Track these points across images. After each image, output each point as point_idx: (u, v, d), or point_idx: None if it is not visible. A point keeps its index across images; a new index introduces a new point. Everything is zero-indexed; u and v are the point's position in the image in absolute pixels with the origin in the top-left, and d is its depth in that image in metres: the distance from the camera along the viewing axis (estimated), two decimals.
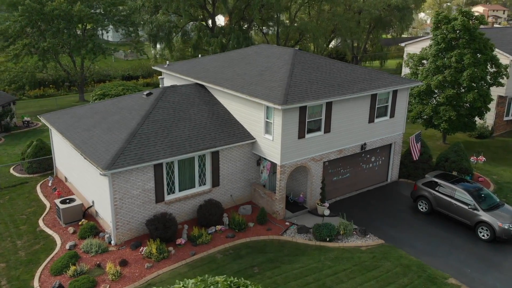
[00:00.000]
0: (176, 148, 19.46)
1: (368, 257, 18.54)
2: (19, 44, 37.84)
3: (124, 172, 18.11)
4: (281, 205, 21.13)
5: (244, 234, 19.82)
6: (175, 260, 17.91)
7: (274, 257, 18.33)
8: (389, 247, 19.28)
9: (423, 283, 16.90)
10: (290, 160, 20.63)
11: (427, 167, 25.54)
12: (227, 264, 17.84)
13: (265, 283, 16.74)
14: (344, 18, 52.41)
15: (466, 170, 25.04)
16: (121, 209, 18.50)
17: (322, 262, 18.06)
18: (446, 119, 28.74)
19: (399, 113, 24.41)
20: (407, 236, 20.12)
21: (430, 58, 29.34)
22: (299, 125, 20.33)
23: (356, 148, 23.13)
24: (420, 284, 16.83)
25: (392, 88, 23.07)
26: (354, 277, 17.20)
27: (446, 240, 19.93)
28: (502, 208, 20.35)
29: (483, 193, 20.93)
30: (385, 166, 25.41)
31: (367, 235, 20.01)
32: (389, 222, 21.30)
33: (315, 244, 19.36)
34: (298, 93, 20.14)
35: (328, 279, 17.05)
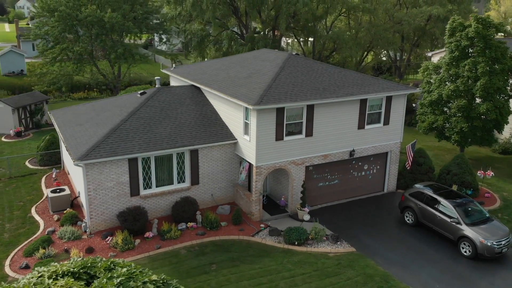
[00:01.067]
0: (152, 144, 20.07)
1: (332, 263, 18.00)
2: (57, 48, 40.64)
3: (98, 163, 18.94)
4: (257, 206, 21.06)
5: (215, 233, 19.94)
6: (139, 252, 18.41)
7: (237, 257, 18.30)
8: (358, 256, 18.59)
9: None
10: (267, 162, 20.55)
11: (427, 178, 24.33)
12: (188, 259, 18.05)
13: (218, 280, 16.77)
14: (382, 29, 51.24)
15: (469, 184, 23.58)
16: (94, 199, 19.33)
17: (283, 265, 17.77)
18: (458, 131, 27.26)
19: (395, 120, 23.55)
20: (383, 247, 19.29)
21: (444, 67, 28.06)
22: (277, 127, 20.25)
23: (344, 155, 22.57)
24: None
25: (383, 94, 22.36)
26: (310, 282, 16.77)
27: (424, 253, 18.88)
28: (490, 224, 18.99)
29: (470, 207, 19.64)
30: (380, 175, 24.52)
31: (339, 242, 19.42)
32: (369, 231, 20.53)
33: (283, 247, 19.09)
34: (277, 95, 20.10)
35: (283, 281, 16.75)
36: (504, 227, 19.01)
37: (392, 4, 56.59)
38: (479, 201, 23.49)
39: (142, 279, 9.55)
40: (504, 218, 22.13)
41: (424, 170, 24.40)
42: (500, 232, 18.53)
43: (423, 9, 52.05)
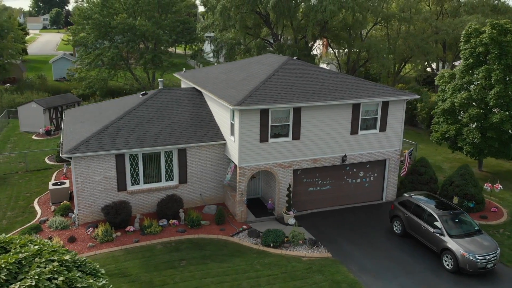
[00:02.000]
0: (140, 142, 20.74)
1: (302, 267, 17.66)
2: (92, 53, 43.00)
3: (86, 157, 19.86)
4: (241, 207, 21.09)
5: (196, 231, 20.19)
6: (116, 244, 19.01)
7: (209, 255, 18.42)
8: (332, 261, 18.11)
9: None
10: (251, 163, 20.59)
11: (427, 189, 23.26)
12: (161, 254, 18.39)
13: (183, 276, 16.97)
14: (420, 39, 49.72)
15: (472, 196, 22.30)
16: (82, 192, 20.24)
17: (252, 266, 17.67)
18: (470, 142, 25.89)
19: (393, 127, 22.80)
20: (363, 255, 18.66)
21: (458, 74, 26.85)
22: (261, 128, 20.27)
23: (336, 160, 22.13)
24: None
25: (377, 99, 21.76)
26: (274, 284, 16.56)
27: (404, 264, 18.05)
28: (477, 237, 17.86)
29: (458, 218, 18.58)
30: (378, 183, 23.76)
31: (316, 247, 19.03)
32: (353, 239, 19.93)
33: (258, 248, 18.98)
34: (262, 97, 20.17)
35: (247, 281, 16.66)
36: (493, 241, 17.79)
37: (432, 13, 54.87)
38: (483, 215, 22.16)
39: (48, 257, 9.93)
40: (505, 234, 20.72)
41: (425, 180, 23.36)
42: (487, 247, 17.37)
43: (463, 18, 50.02)
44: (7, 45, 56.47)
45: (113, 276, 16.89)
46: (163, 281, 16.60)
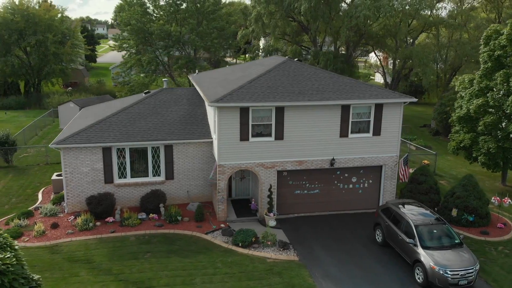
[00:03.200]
0: (127, 136, 21.37)
1: (264, 268, 17.17)
2: (132, 58, 45.15)
3: (74, 149, 20.82)
4: (221, 206, 20.96)
5: (173, 226, 20.36)
6: (93, 233, 19.66)
7: (176, 249, 18.49)
8: (297, 265, 17.43)
9: None
10: (231, 161, 20.45)
11: (427, 199, 21.71)
12: (130, 246, 18.75)
13: (141, 267, 17.18)
14: (470, 47, 46.75)
15: (474, 210, 20.47)
16: (71, 182, 21.21)
17: (213, 263, 17.47)
18: (485, 152, 23.84)
19: (389, 131, 21.59)
20: (333, 262, 17.76)
21: (476, 79, 24.91)
22: (241, 127, 20.10)
23: (324, 163, 21.34)
24: None
25: (368, 101, 20.74)
26: (227, 282, 16.26)
27: (372, 275, 16.91)
28: (455, 250, 16.35)
29: (437, 229, 17.12)
30: (374, 191, 22.55)
31: (286, 250, 18.42)
32: (330, 245, 19.02)
33: (227, 247, 18.74)
34: (244, 95, 20.03)
35: (201, 277, 16.51)
36: (472, 257, 16.16)
37: (486, 21, 51.40)
38: (484, 230, 20.26)
39: None
40: (503, 252, 18.77)
41: (424, 190, 21.81)
42: (462, 262, 15.84)
43: None
44: (66, 51, 60.73)
45: (77, 262, 17.50)
46: (121, 270, 16.90)
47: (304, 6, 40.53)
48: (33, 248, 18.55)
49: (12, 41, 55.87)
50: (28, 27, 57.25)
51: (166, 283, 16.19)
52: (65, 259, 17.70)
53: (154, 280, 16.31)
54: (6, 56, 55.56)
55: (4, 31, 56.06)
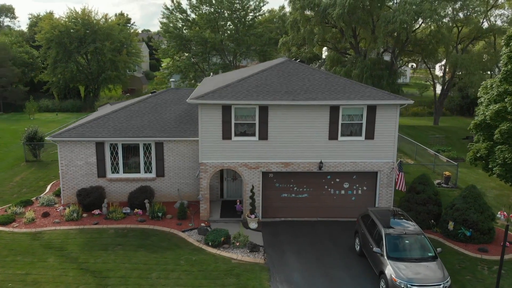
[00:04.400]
0: (119, 132, 21.91)
1: (224, 268, 16.69)
2: (171, 63, 46.61)
3: (69, 142, 21.71)
4: (203, 205, 20.75)
5: (154, 222, 20.47)
6: (77, 224, 20.29)
7: (147, 244, 18.54)
8: (260, 268, 16.74)
9: None
10: (213, 160, 20.22)
11: (424, 210, 20.00)
12: (107, 238, 19.09)
13: (107, 258, 17.42)
14: None
15: (474, 224, 18.53)
16: (66, 174, 22.10)
17: (177, 261, 17.27)
18: (501, 162, 21.58)
19: (383, 135, 20.24)
20: (300, 268, 16.81)
21: (496, 83, 22.75)
22: (223, 125, 19.85)
23: (312, 166, 20.44)
24: None
25: (360, 102, 19.60)
26: (182, 279, 16.01)
27: (338, 284, 15.79)
28: (427, 263, 14.84)
29: (410, 240, 15.65)
30: (368, 198, 21.19)
31: (254, 252, 17.79)
32: (304, 252, 18.04)
33: (198, 245, 18.47)
34: (227, 93, 19.81)
35: (158, 273, 16.39)
36: (443, 273, 14.53)
37: None
38: (483, 247, 18.25)
39: None
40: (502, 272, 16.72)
41: (421, 200, 20.11)
42: (430, 276, 14.33)
43: None
44: (122, 58, 64.03)
45: (51, 249, 18.13)
46: (86, 260, 17.24)
47: (337, 12, 39.45)
48: (18, 233, 19.50)
49: (73, 48, 59.83)
50: (88, 35, 61.12)
51: (122, 275, 16.24)
52: (41, 246, 18.39)
53: (113, 272, 16.43)
54: (67, 62, 59.66)
55: (66, 39, 60.31)
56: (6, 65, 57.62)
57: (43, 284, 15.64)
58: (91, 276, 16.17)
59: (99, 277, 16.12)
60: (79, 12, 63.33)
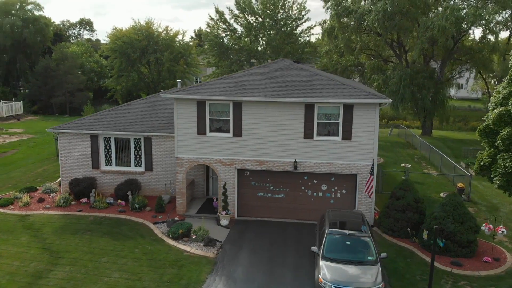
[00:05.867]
0: (112, 126, 22.98)
1: (172, 259, 16.77)
2: (214, 72, 47.91)
3: (67, 134, 23.18)
4: (180, 200, 21.00)
5: (132, 213, 21.10)
6: (64, 210, 21.52)
7: (114, 232, 19.16)
8: (207, 262, 16.60)
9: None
10: (188, 155, 20.47)
11: (403, 217, 18.60)
12: (82, 224, 20.01)
13: (71, 241, 18.29)
14: None
15: (452, 234, 16.90)
16: (65, 164, 23.57)
17: (133, 249, 17.64)
18: (502, 172, 19.46)
19: (362, 136, 19.23)
20: (247, 266, 16.39)
21: (502, 85, 20.68)
22: (198, 121, 20.08)
23: (287, 165, 19.92)
24: None
25: (335, 100, 18.82)
26: (127, 265, 16.38)
27: (276, 284, 15.20)
28: (363, 267, 13.84)
29: (353, 242, 14.67)
30: (348, 202, 20.16)
31: (208, 246, 17.69)
32: (261, 250, 17.53)
33: (160, 237, 18.73)
34: (202, 89, 20.07)
35: (108, 258, 16.87)
36: (377, 278, 13.42)
37: None
38: (456, 261, 16.57)
39: None
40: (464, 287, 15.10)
41: (400, 207, 18.70)
42: (359, 280, 13.33)
43: None
44: (180, 68, 66.88)
45: (29, 229, 19.42)
46: (52, 241, 18.24)
47: (373, 18, 38.28)
48: (10, 214, 21.11)
49: (135, 58, 63.70)
50: (149, 45, 64.81)
51: (75, 256, 16.96)
52: (23, 226, 19.76)
53: (68, 253, 17.22)
54: (129, 72, 63.67)
55: (129, 49, 64.46)
56: (73, 73, 62.75)
57: (4, 258, 16.80)
58: (48, 255, 17.06)
59: (55, 256, 16.96)
60: (143, 24, 67.49)
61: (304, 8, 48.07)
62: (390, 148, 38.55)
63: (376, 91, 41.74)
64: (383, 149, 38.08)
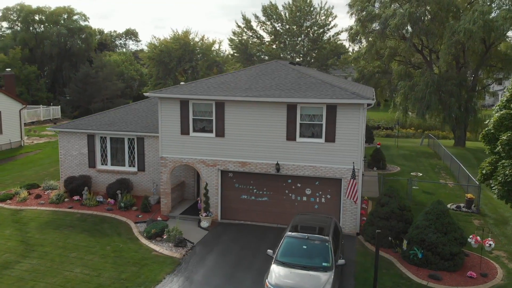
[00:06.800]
0: (107, 126, 23.32)
1: (138, 258, 16.61)
2: None
3: (66, 133, 23.78)
4: (164, 200, 20.85)
5: (118, 212, 21.21)
6: (56, 206, 22.01)
7: (94, 229, 19.29)
8: (171, 262, 16.28)
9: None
10: (172, 154, 20.33)
11: (387, 226, 17.42)
12: (68, 220, 20.33)
13: (49, 236, 18.61)
14: None
15: (432, 245, 15.62)
16: (64, 162, 24.16)
17: (105, 245, 17.67)
18: (501, 180, 17.80)
19: (346, 139, 18.26)
20: (210, 268, 15.92)
21: (508, 87, 19.05)
22: (182, 120, 19.93)
23: (269, 167, 19.29)
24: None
25: (317, 100, 18.05)
26: (92, 260, 16.38)
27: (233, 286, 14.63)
28: (316, 273, 12.97)
29: (309, 246, 13.83)
30: (333, 208, 19.18)
31: (178, 247, 17.36)
32: (231, 254, 16.97)
33: (135, 236, 18.63)
34: (187, 88, 19.96)
35: (78, 253, 16.98)
36: (323, 285, 12.50)
37: None
38: (434, 274, 15.26)
39: None
40: None
41: (384, 214, 17.52)
42: (305, 286, 12.49)
43: None
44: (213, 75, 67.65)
45: (17, 223, 20.01)
46: (33, 235, 18.63)
47: (396, 22, 36.81)
48: (5, 209, 21.85)
49: (172, 66, 65.20)
50: (185, 54, 66.17)
51: (47, 250, 17.20)
52: (12, 220, 20.35)
53: (42, 247, 17.50)
54: (166, 79, 65.22)
55: (166, 58, 66.17)
56: (111, 80, 65.00)
57: None
58: (23, 247, 17.41)
59: (28, 249, 17.28)
60: (181, 34, 69.10)
61: (331, 14, 47.21)
62: (413, 158, 36.68)
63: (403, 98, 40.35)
64: (406, 158, 36.35)
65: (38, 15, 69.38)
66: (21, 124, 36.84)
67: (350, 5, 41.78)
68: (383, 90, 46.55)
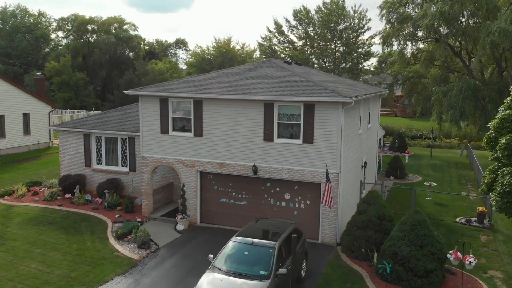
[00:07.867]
0: (101, 126, 23.36)
1: (97, 257, 16.24)
2: None
3: (64, 132, 24.13)
4: (145, 200, 20.40)
5: (102, 211, 21.04)
6: (47, 203, 22.26)
7: (70, 227, 19.24)
8: (128, 263, 15.73)
9: None
10: (153, 154, 19.87)
11: (364, 236, 15.81)
12: (52, 217, 20.43)
13: (27, 231, 18.76)
14: None
15: (404, 260, 13.91)
16: (63, 160, 24.51)
17: (73, 243, 17.48)
18: (500, 191, 15.63)
19: (324, 140, 16.87)
20: (164, 271, 15.20)
21: None
22: (161, 119, 19.45)
23: (246, 169, 18.27)
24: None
25: (293, 98, 16.86)
26: (53, 257, 16.22)
27: None
28: (251, 281, 11.83)
29: (252, 252, 12.68)
30: (312, 215, 17.77)
31: (141, 249, 16.77)
32: (192, 258, 16.08)
33: (107, 235, 18.30)
34: (167, 86, 19.52)
35: (43, 249, 16.95)
36: None
37: None
38: None
39: None
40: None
41: (361, 223, 15.91)
42: None
43: None
44: None
45: (4, 218, 20.41)
46: (10, 230, 18.88)
47: (426, 23, 34.44)
48: (1, 203, 22.39)
49: None
50: (225, 61, 66.79)
51: (15, 245, 17.32)
52: (2, 215, 20.77)
53: (13, 241, 17.67)
54: None
55: (207, 65, 67.14)
56: None
57: None
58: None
59: (1, 242, 17.43)
60: (222, 42, 69.92)
61: (365, 17, 45.26)
62: (443, 168, 33.98)
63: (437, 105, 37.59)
64: (434, 168, 33.79)
65: (91, 24, 72.60)
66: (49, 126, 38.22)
67: (381, 7, 39.79)
68: (419, 96, 43.72)
